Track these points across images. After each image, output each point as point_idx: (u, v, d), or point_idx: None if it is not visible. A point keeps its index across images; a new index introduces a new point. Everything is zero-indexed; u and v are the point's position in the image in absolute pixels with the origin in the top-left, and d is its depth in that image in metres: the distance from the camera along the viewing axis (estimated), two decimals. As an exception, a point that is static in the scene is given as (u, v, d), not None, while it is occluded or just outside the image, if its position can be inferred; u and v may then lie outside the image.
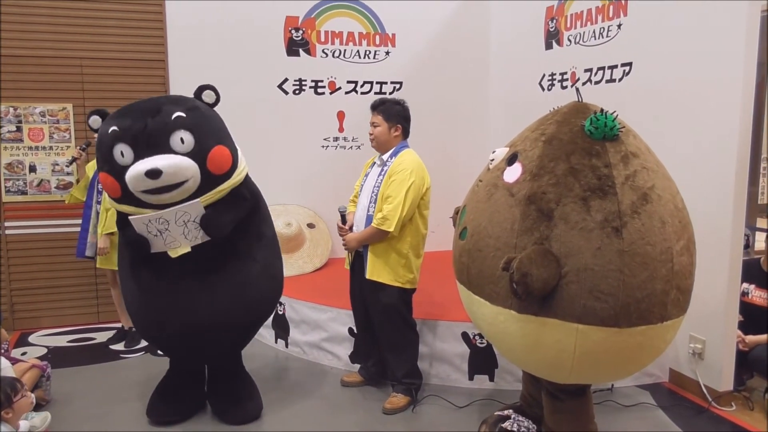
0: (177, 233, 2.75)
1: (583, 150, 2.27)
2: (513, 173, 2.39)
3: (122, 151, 2.62)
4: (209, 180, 2.72)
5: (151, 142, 2.61)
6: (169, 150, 2.61)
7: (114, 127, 2.65)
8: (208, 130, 2.75)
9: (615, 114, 2.31)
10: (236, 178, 2.85)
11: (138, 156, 2.61)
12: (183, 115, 2.68)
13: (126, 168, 2.61)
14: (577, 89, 2.66)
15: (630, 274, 2.12)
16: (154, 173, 2.54)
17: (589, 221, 2.15)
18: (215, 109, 2.95)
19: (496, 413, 2.07)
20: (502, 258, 2.24)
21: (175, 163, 2.59)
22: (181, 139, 2.63)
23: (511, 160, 2.44)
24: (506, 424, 1.99)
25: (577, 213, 2.17)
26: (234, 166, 2.83)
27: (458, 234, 2.60)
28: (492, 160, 2.57)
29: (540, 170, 2.28)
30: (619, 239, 2.12)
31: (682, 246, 2.26)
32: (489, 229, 2.36)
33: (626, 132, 2.34)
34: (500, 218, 2.33)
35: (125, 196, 2.68)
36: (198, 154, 2.66)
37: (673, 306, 2.24)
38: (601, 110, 2.32)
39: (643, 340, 2.21)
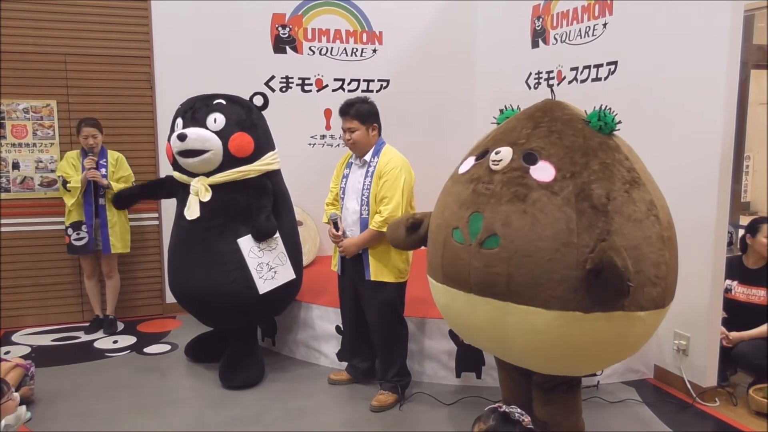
0: None
1: (603, 144, 2.33)
2: (544, 172, 2.25)
3: (177, 123, 3.42)
4: (230, 159, 3.35)
5: (194, 118, 3.36)
6: (204, 126, 3.33)
7: (179, 106, 3.49)
8: (238, 120, 3.38)
9: (610, 109, 2.39)
10: (258, 166, 3.41)
11: (185, 126, 3.34)
12: (222, 102, 3.41)
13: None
14: (552, 88, 2.69)
15: (669, 257, 2.29)
16: (182, 136, 3.27)
17: (638, 212, 2.23)
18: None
19: (486, 408, 2.09)
20: (561, 260, 2.13)
21: (199, 132, 3.29)
22: (215, 120, 3.33)
23: (528, 158, 2.31)
24: (502, 410, 2.04)
25: (627, 205, 2.23)
26: (257, 154, 3.40)
27: (478, 242, 2.30)
28: (500, 160, 2.35)
29: (574, 167, 2.25)
30: (660, 225, 2.26)
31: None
32: (537, 230, 2.18)
33: None
34: (548, 219, 2.18)
35: (174, 162, 3.43)
36: (223, 134, 3.32)
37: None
38: (602, 106, 2.41)
39: (665, 314, 2.40)
